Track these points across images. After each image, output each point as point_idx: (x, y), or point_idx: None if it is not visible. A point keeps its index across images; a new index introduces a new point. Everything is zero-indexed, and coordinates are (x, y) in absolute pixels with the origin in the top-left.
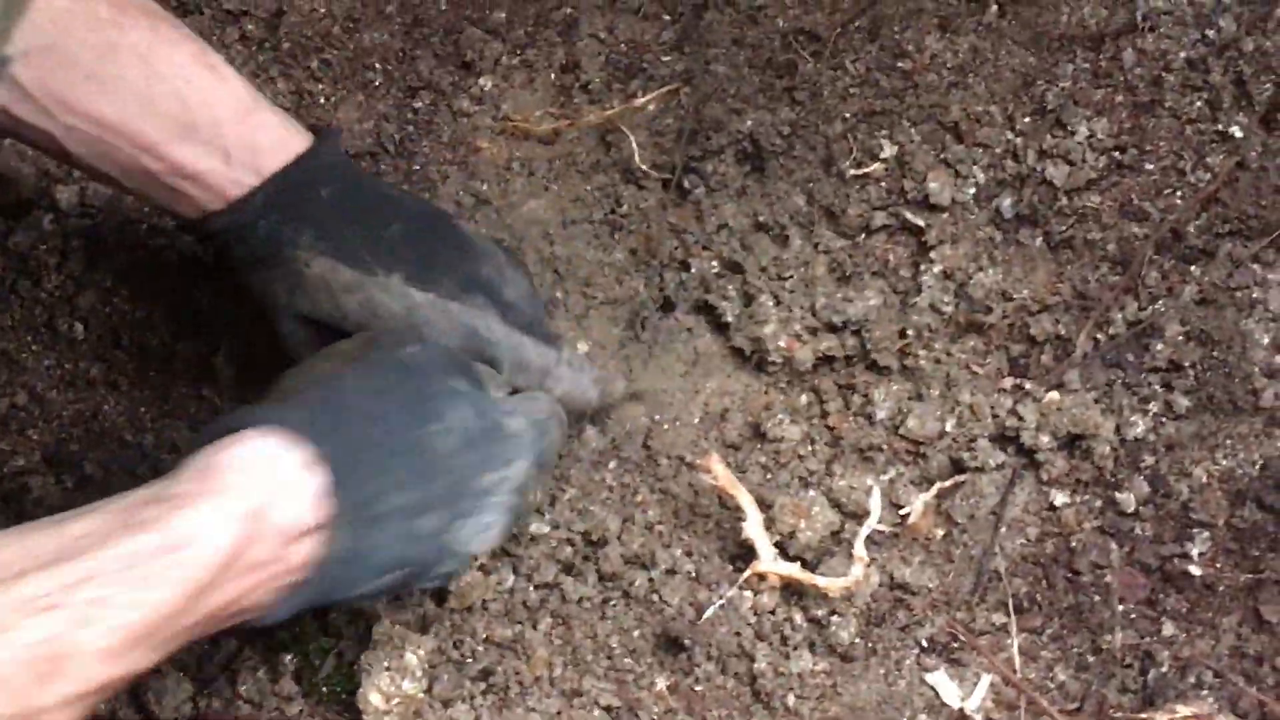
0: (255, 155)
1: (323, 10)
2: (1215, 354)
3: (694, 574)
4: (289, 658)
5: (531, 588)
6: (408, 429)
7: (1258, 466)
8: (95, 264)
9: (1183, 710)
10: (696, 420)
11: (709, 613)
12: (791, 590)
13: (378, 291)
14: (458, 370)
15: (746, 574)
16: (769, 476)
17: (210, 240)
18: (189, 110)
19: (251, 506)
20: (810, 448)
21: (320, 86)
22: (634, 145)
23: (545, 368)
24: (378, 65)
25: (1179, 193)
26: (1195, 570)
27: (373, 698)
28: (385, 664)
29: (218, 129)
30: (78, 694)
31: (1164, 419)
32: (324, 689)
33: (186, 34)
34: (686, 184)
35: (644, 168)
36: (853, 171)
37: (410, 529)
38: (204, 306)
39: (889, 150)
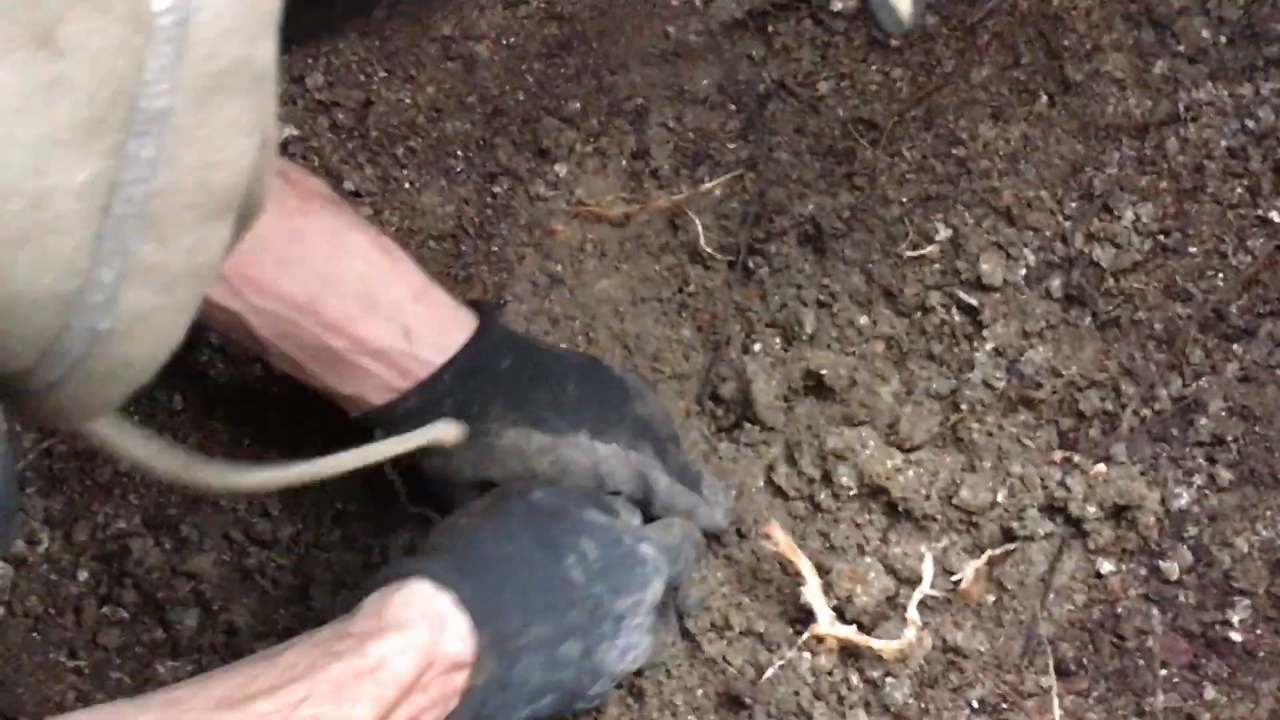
0: (437, 334)
1: (408, 100)
2: (1257, 429)
3: (756, 636)
4: None
5: None
6: (541, 565)
7: None
8: (193, 339)
9: None
10: (759, 488)
11: (769, 673)
12: (848, 652)
13: (567, 449)
14: (590, 504)
15: (805, 636)
16: (827, 544)
17: (391, 424)
18: (371, 290)
19: (425, 638)
20: (867, 516)
21: (405, 172)
22: (700, 229)
23: (689, 508)
24: (459, 152)
25: (1221, 274)
26: (1236, 636)
27: None
28: None
29: (399, 308)
30: None
31: (1207, 491)
32: None
33: (363, 221)
34: (751, 264)
35: (709, 250)
36: (909, 253)
37: (553, 656)
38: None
39: (944, 233)
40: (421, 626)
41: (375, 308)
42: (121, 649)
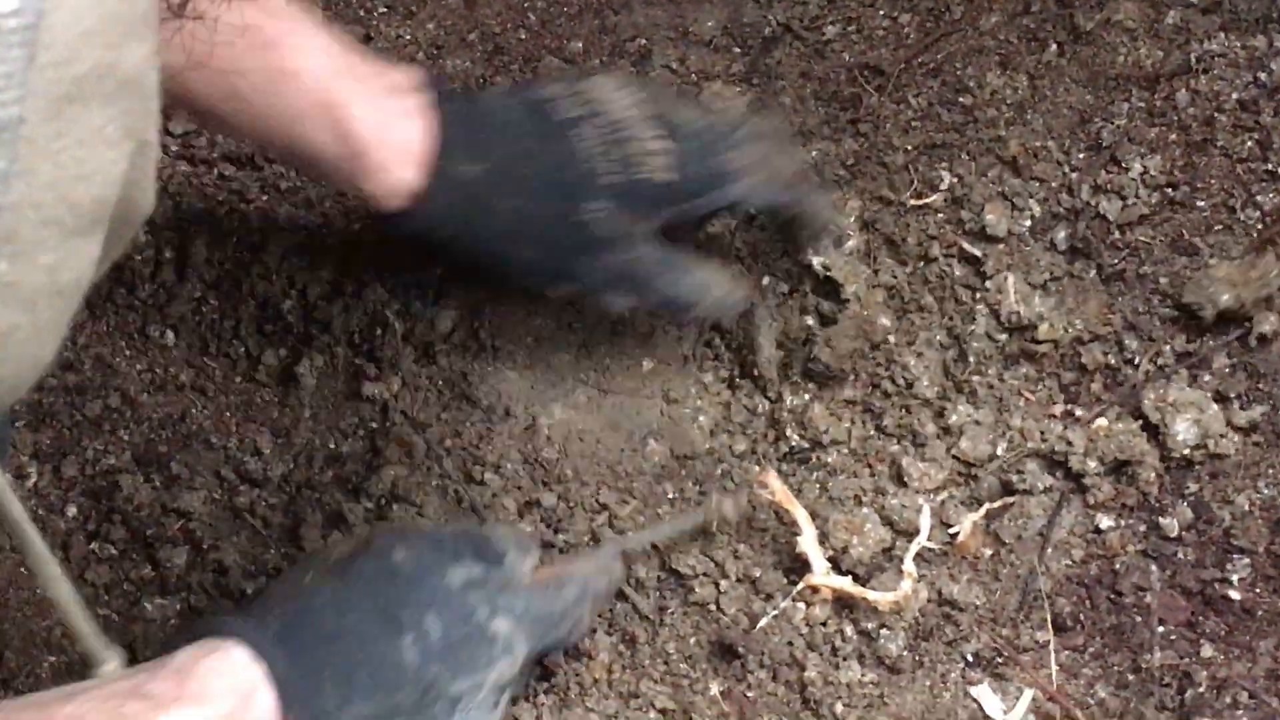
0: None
1: (408, 37)
2: (1260, 386)
3: (750, 584)
4: None
5: None
6: (375, 641)
7: None
8: (185, 275)
9: None
10: (757, 438)
11: (763, 622)
12: (843, 603)
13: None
14: (463, 559)
15: (800, 586)
16: (824, 494)
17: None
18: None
19: (223, 713)
20: (865, 467)
21: None
22: None
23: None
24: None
25: (1229, 229)
26: (1235, 595)
27: None
28: None
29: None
30: None
31: (1209, 448)
32: None
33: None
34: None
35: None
36: (912, 202)
37: None
38: (288, 318)
39: (948, 182)
40: (225, 701)
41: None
42: (109, 586)
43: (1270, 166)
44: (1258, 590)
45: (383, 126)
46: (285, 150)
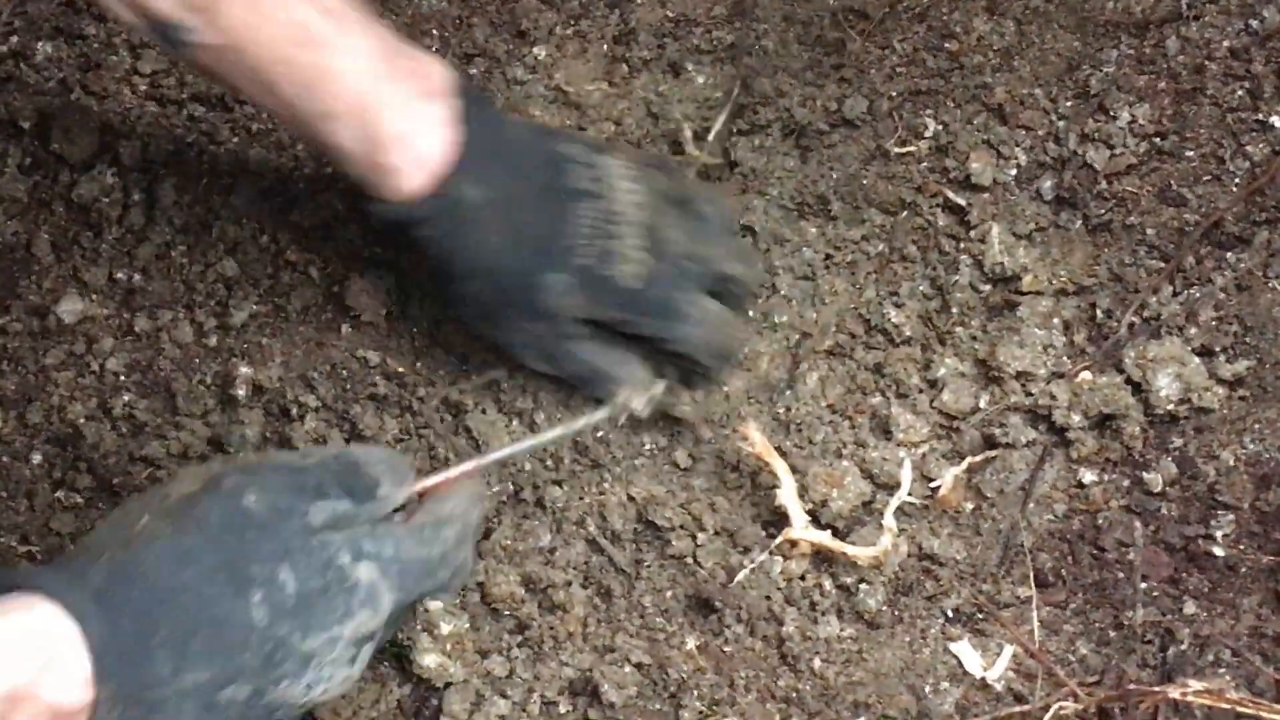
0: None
1: None
2: (1248, 340)
3: (728, 538)
4: None
5: (569, 546)
6: (217, 601)
7: None
8: (154, 219)
9: (1198, 685)
10: (736, 389)
11: (740, 576)
12: (822, 557)
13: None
14: (325, 494)
15: (778, 540)
16: (804, 446)
17: None
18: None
19: (13, 684)
20: (846, 419)
21: None
22: (687, 133)
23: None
24: (435, 32)
25: (1218, 179)
26: (1218, 551)
27: (426, 660)
28: (423, 627)
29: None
30: None
31: (1194, 402)
32: None
33: None
34: (734, 156)
35: (694, 151)
36: (896, 150)
37: (211, 702)
38: (256, 262)
39: (933, 129)
40: (14, 668)
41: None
42: (75, 534)
43: (1261, 116)
44: (1241, 547)
45: (409, 133)
46: (308, 138)
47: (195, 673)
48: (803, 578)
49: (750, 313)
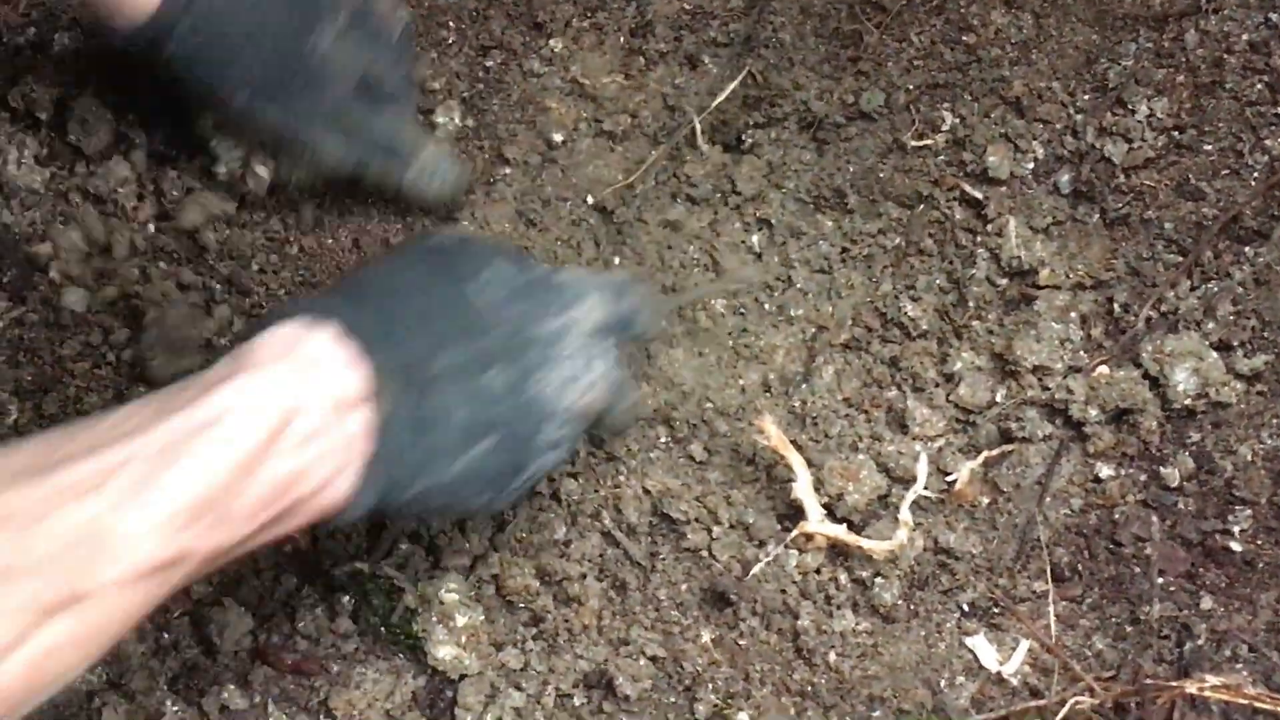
0: None
1: None
2: (1266, 334)
3: (743, 531)
4: (346, 597)
5: (584, 539)
6: (439, 291)
7: None
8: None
9: (1214, 680)
10: (752, 381)
11: (756, 570)
12: (837, 551)
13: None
14: (501, 252)
15: (794, 534)
16: (819, 439)
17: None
18: None
19: (285, 378)
20: (862, 413)
21: None
22: (697, 126)
23: (391, 178)
24: (451, 24)
25: (1236, 174)
26: (1236, 546)
27: (441, 652)
28: (438, 619)
29: None
30: (134, 574)
31: (1211, 396)
32: (381, 628)
33: None
34: (749, 148)
35: (705, 146)
36: (913, 143)
37: (476, 388)
38: (273, 249)
39: (950, 123)
40: (282, 365)
41: None
42: None
43: None
44: (1259, 542)
45: None
46: None
47: (449, 354)
48: (818, 571)
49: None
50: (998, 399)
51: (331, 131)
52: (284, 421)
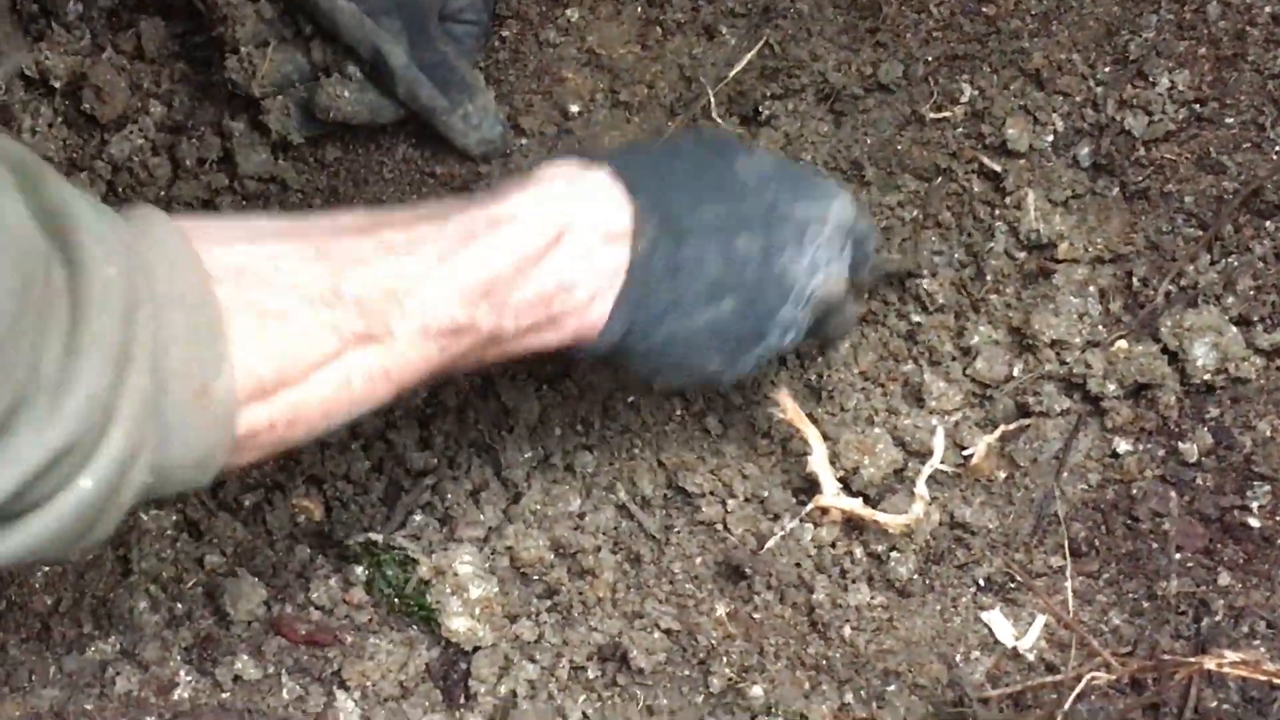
0: None
1: None
2: None
3: (758, 504)
4: (360, 569)
5: (599, 511)
6: (706, 160)
7: None
8: (177, 180)
9: (1232, 656)
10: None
11: (771, 543)
12: (853, 525)
13: None
14: (769, 152)
15: (809, 507)
16: (835, 413)
17: None
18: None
19: (564, 195)
20: (878, 386)
21: None
22: (711, 98)
23: (433, 110)
24: None
25: (1258, 147)
26: (1254, 522)
27: (455, 624)
28: (452, 591)
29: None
30: (428, 330)
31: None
32: (394, 599)
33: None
34: (766, 120)
35: (719, 120)
36: (932, 115)
37: (728, 247)
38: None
39: (969, 95)
40: (565, 185)
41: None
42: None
43: None
44: (1278, 518)
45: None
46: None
47: (709, 209)
48: (833, 545)
49: None
50: (1015, 373)
51: (400, 41)
52: (560, 234)
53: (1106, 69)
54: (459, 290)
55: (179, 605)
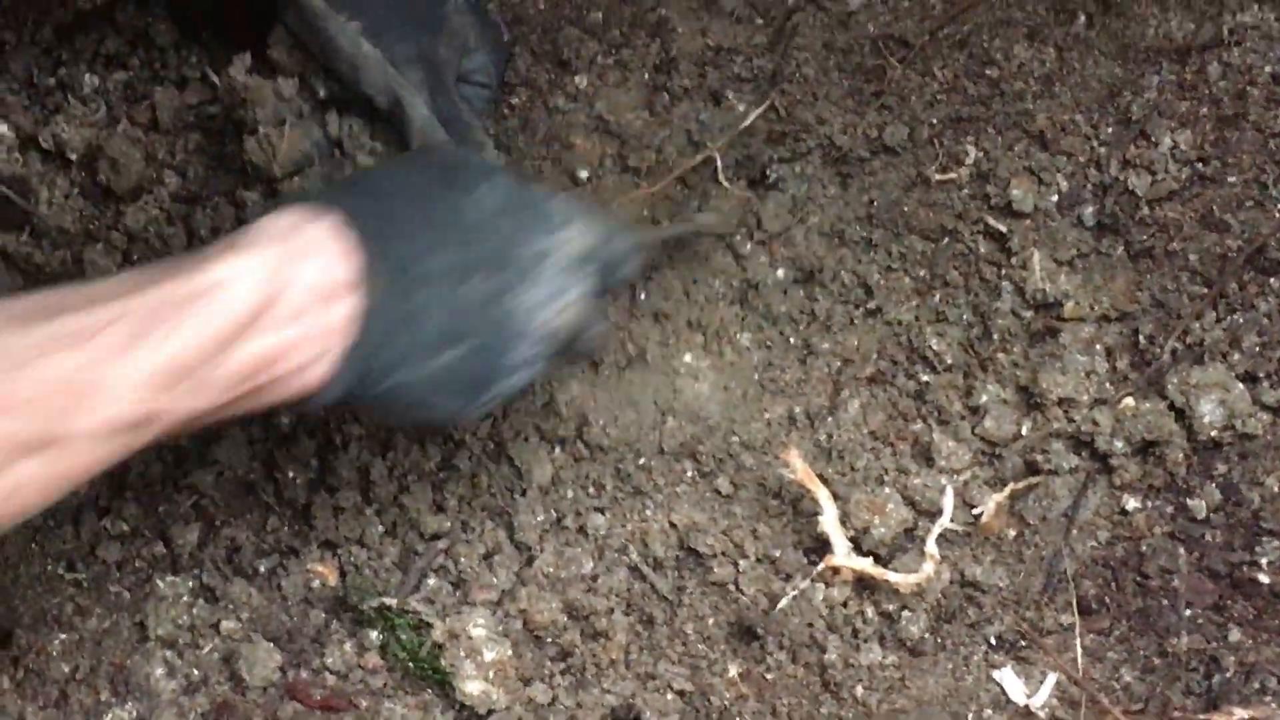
0: None
1: None
2: None
3: (770, 565)
4: (374, 633)
5: (611, 573)
6: (439, 197)
7: None
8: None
9: (1243, 713)
10: (778, 415)
11: (783, 603)
12: (864, 584)
13: (337, 30)
14: (499, 170)
15: (821, 567)
16: (845, 472)
17: None
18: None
19: (276, 258)
20: (888, 445)
21: None
22: (719, 163)
23: None
24: None
25: (1260, 206)
26: (1264, 578)
27: (470, 687)
28: (466, 654)
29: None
30: (108, 427)
31: (1237, 428)
32: (409, 663)
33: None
34: (773, 183)
35: (727, 182)
36: (937, 176)
37: (457, 295)
38: None
39: (974, 156)
40: (276, 248)
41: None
42: (121, 563)
43: None
44: None
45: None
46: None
47: (436, 257)
48: (845, 605)
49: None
50: (1023, 431)
51: (421, 92)
52: (269, 301)
53: (1109, 129)
54: (148, 379)
55: (195, 671)
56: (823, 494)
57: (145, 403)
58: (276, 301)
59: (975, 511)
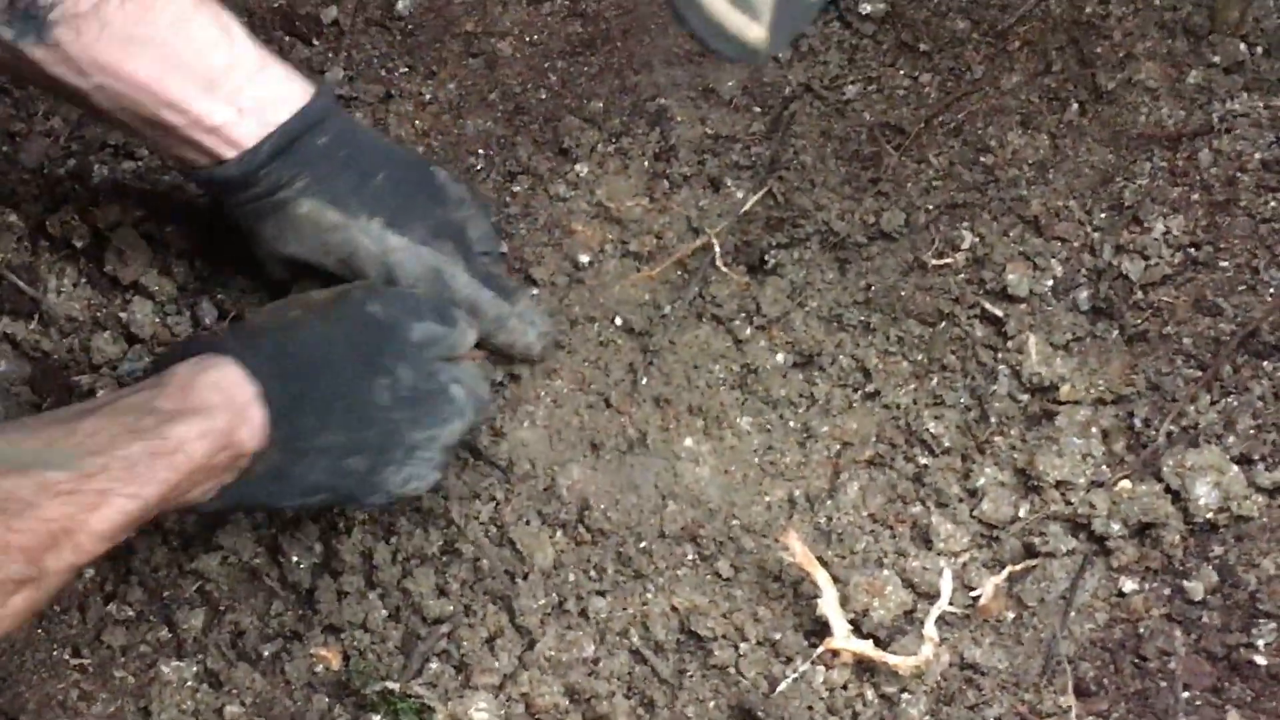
0: (263, 109)
1: (429, 96)
2: None
3: (770, 648)
4: (377, 717)
5: (612, 657)
6: (351, 380)
7: None
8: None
9: None
10: (777, 498)
11: (783, 686)
12: (864, 667)
13: (358, 233)
14: (428, 315)
15: (820, 650)
16: (845, 555)
17: (216, 186)
18: (211, 70)
19: (223, 425)
20: (887, 529)
21: None
22: (717, 249)
23: (499, 317)
24: (480, 150)
25: (1252, 290)
26: (1260, 660)
27: None
28: None
29: (235, 86)
30: (75, 564)
31: (1233, 510)
32: None
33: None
34: (772, 268)
35: (725, 268)
36: (934, 262)
37: (338, 465)
38: None
39: (970, 242)
40: (224, 415)
41: (213, 87)
42: (126, 648)
43: None
44: None
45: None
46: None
47: (332, 434)
48: (845, 687)
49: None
50: (1021, 514)
51: (457, 261)
52: (210, 458)
53: (1103, 215)
54: (109, 531)
55: None
56: (822, 577)
57: (107, 544)
58: (214, 458)
59: (974, 594)
